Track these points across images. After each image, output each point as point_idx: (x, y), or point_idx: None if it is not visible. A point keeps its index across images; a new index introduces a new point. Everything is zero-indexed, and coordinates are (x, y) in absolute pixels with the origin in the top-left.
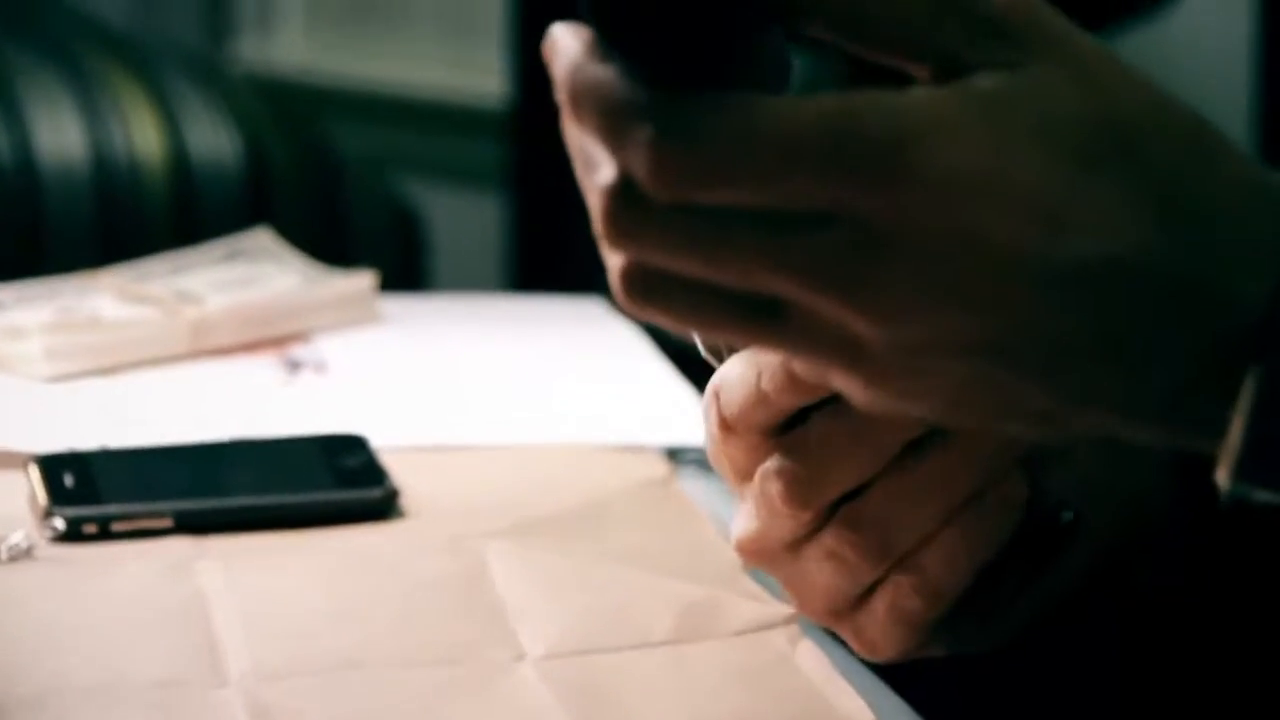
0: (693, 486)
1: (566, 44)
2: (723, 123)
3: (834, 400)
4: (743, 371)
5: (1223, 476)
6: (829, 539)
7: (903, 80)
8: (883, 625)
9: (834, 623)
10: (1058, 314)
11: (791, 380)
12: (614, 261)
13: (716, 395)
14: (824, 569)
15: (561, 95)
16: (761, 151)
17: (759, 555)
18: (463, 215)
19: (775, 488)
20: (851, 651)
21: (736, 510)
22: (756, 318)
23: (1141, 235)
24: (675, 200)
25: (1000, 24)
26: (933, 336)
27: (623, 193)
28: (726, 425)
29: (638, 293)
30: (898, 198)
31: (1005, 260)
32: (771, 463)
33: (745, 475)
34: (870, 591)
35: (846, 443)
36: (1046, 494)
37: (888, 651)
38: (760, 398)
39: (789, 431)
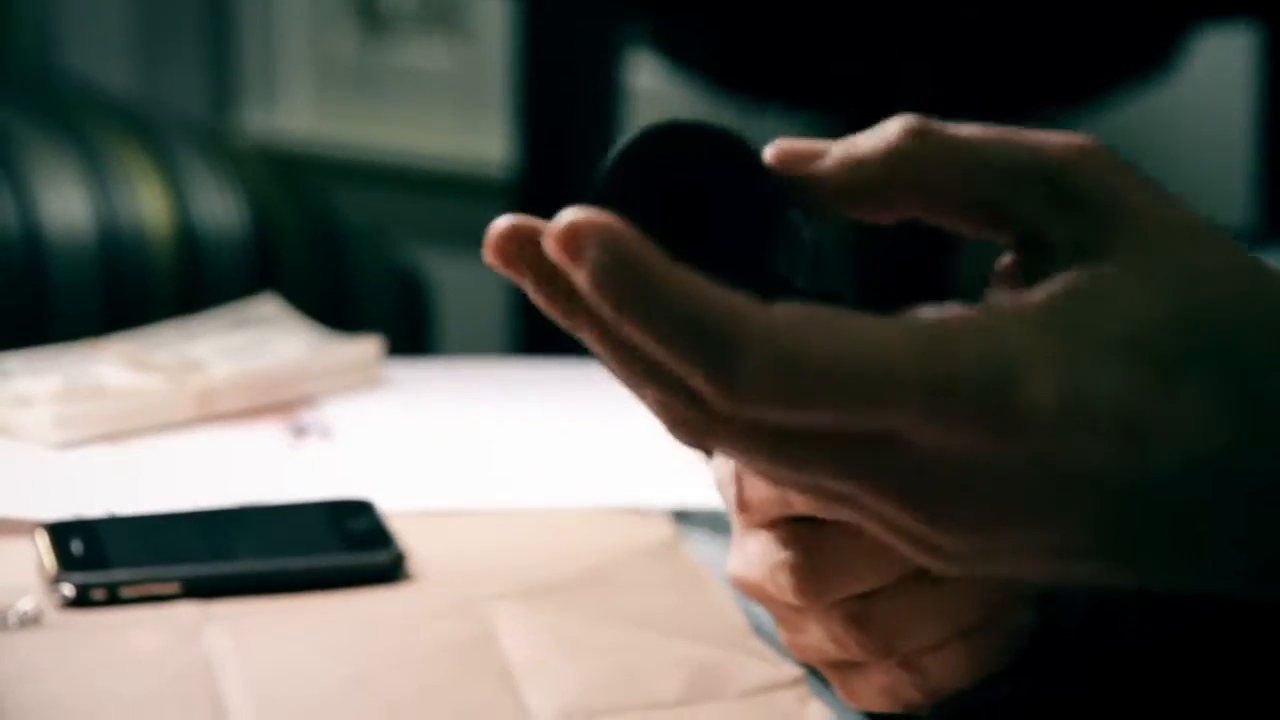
0: (700, 549)
1: (612, 237)
2: (819, 352)
3: None
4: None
5: None
6: (834, 625)
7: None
8: (872, 694)
9: (820, 666)
10: (1138, 520)
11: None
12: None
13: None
14: (823, 640)
15: (615, 296)
16: (856, 389)
17: (755, 595)
18: (468, 280)
19: (786, 579)
20: (858, 710)
21: (735, 545)
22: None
23: (1227, 434)
24: (747, 418)
25: (1080, 197)
26: (1007, 545)
27: (689, 404)
28: (744, 504)
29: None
30: (981, 435)
31: (1085, 479)
32: (784, 554)
33: (754, 523)
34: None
35: (863, 553)
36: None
37: (871, 709)
38: (784, 502)
39: (806, 523)
